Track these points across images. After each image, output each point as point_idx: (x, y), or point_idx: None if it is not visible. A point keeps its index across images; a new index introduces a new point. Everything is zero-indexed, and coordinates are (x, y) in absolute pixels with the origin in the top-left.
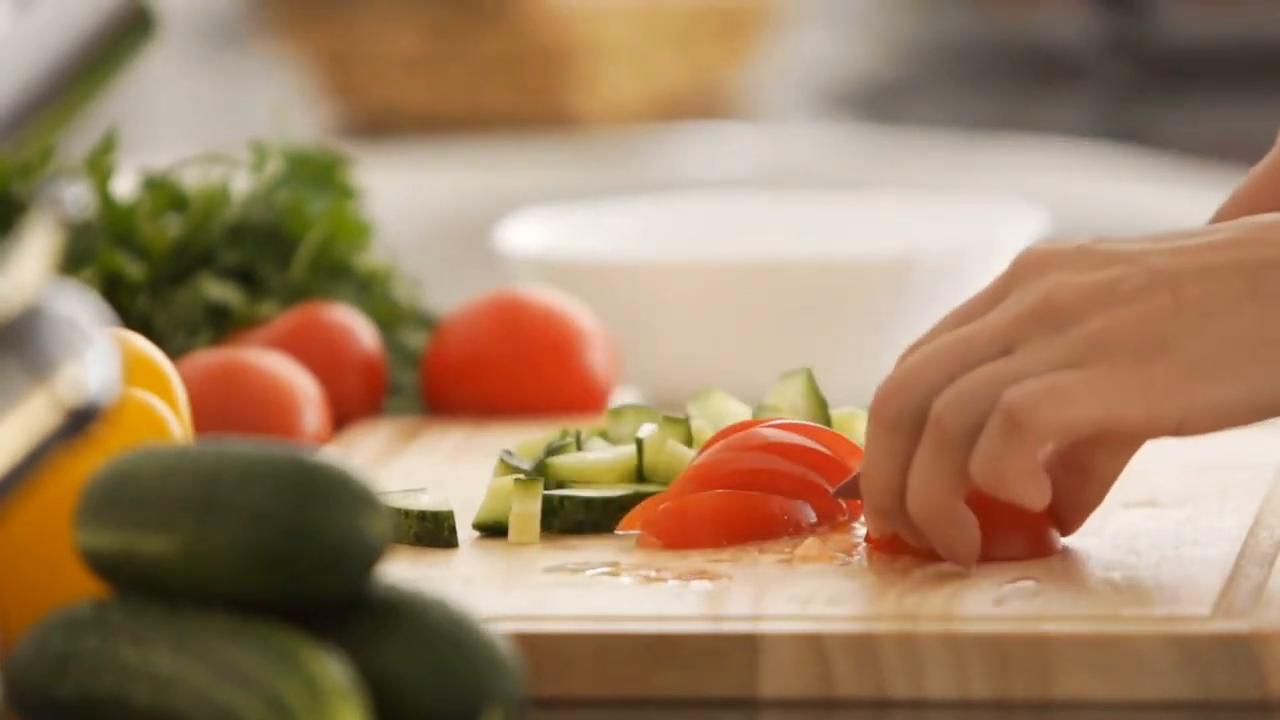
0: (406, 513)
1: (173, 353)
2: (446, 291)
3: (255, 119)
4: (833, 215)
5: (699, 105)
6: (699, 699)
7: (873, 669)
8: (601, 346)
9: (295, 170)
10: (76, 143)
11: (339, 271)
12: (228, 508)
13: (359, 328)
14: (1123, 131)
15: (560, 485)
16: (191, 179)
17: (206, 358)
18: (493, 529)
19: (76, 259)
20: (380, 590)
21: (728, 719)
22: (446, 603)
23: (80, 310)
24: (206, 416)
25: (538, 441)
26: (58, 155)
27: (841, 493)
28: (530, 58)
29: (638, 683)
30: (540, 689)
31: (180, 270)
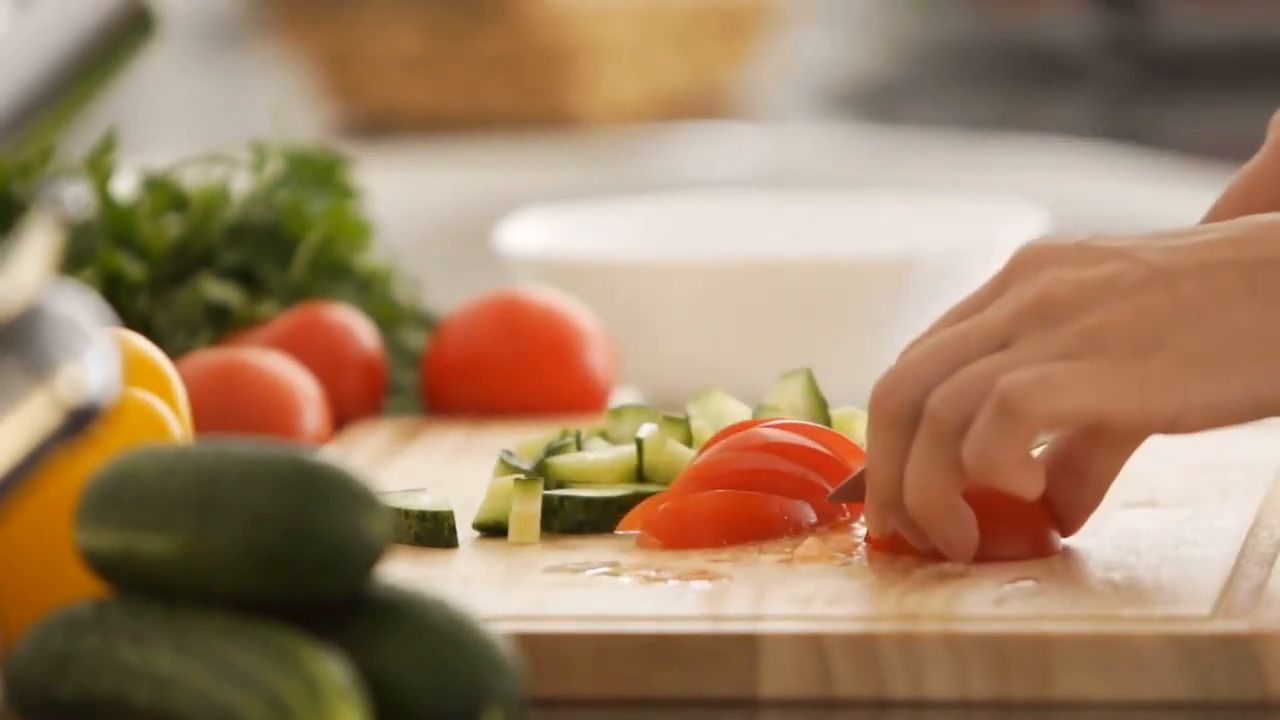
0: (406, 513)
1: (173, 353)
2: (446, 291)
3: (255, 119)
4: (833, 215)
5: (699, 105)
6: (699, 699)
7: (873, 669)
8: (601, 346)
9: (295, 170)
10: (76, 143)
11: (339, 271)
12: (228, 508)
13: (359, 328)
14: (1123, 131)
15: (560, 485)
16: (191, 179)
17: (206, 358)
18: (493, 529)
19: (76, 259)
20: (380, 590)
21: (728, 719)
22: (446, 603)
23: (80, 310)
24: (206, 416)
25: (538, 441)
26: (58, 155)
27: (838, 496)
28: (530, 58)
29: (638, 683)
30: (540, 689)
31: (180, 270)
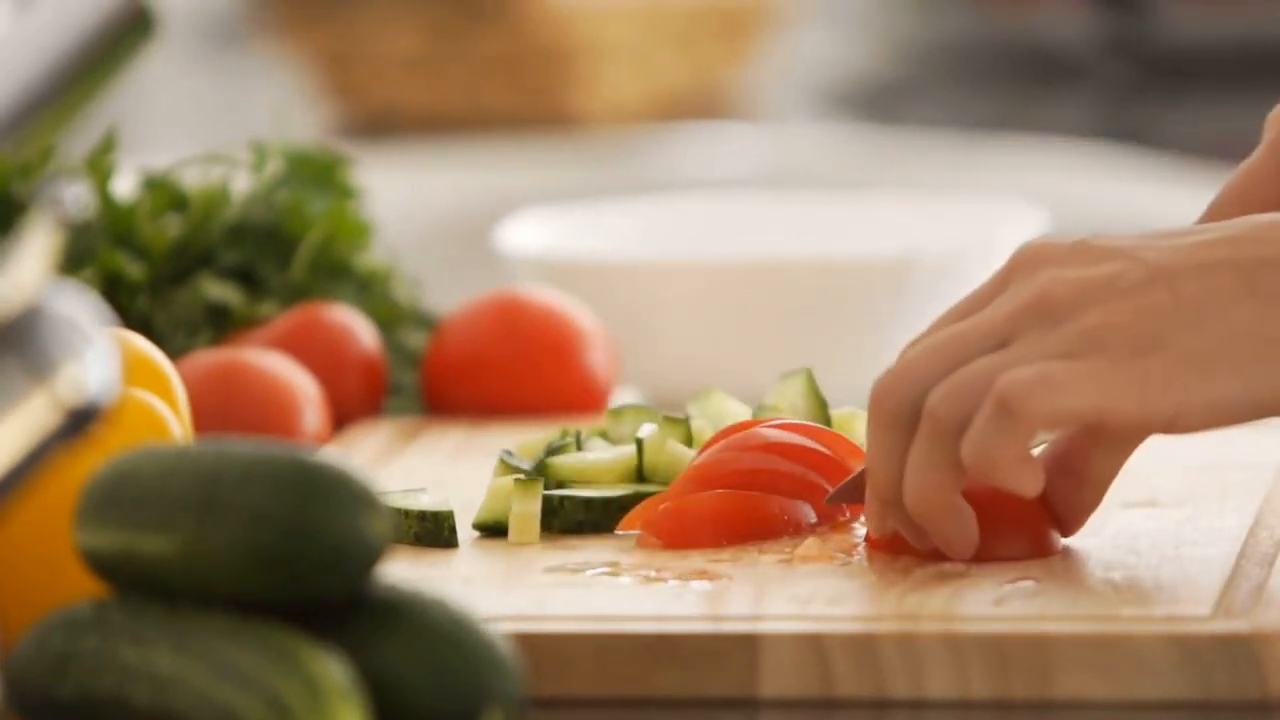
0: (406, 513)
1: (173, 353)
2: (446, 291)
3: (255, 119)
4: (833, 215)
5: (699, 105)
6: (699, 699)
7: (873, 669)
8: (601, 346)
9: (295, 170)
10: (76, 143)
11: (339, 271)
12: (228, 508)
13: (359, 328)
14: (1123, 131)
15: (560, 485)
16: (191, 179)
17: (206, 358)
18: (493, 529)
19: (76, 259)
20: (380, 590)
21: (728, 719)
22: (446, 603)
23: (80, 310)
24: (206, 416)
25: (538, 441)
26: (58, 155)
27: (836, 498)
28: (530, 58)
29: (638, 683)
30: (540, 689)
31: (180, 270)
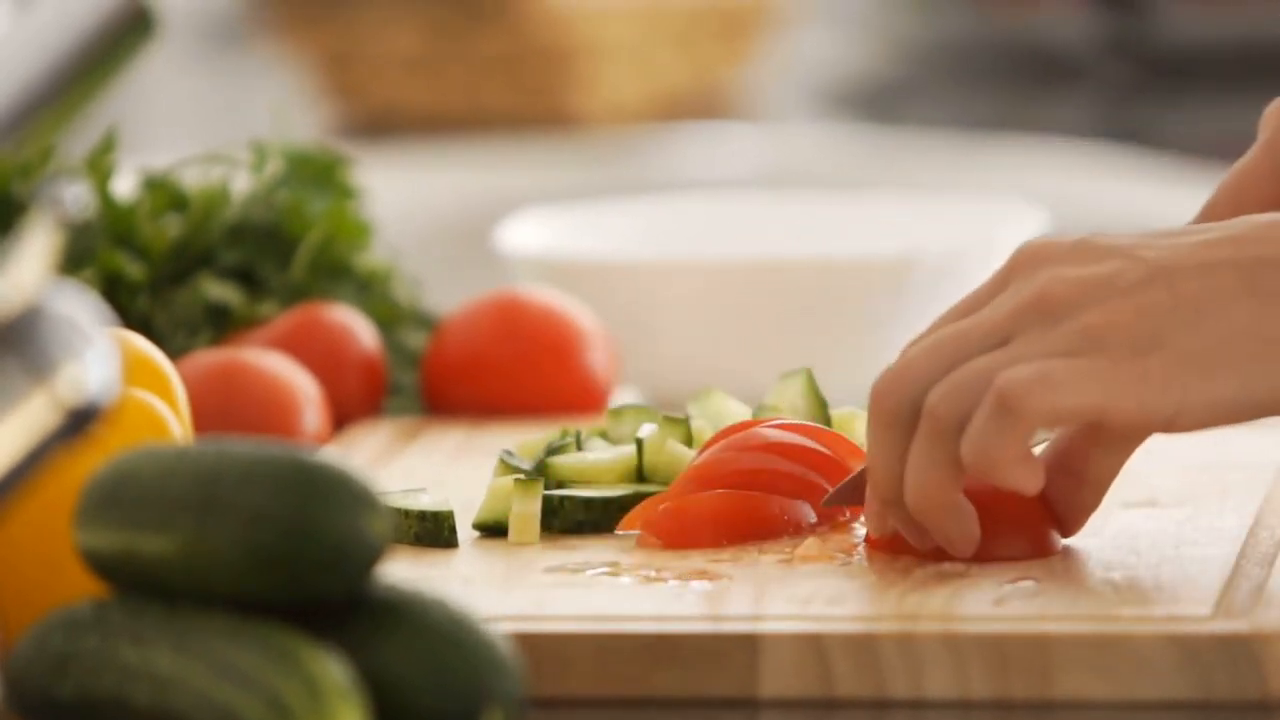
0: (406, 513)
1: (173, 353)
2: (446, 291)
3: (255, 119)
4: (833, 215)
5: (699, 105)
6: (699, 699)
7: (873, 669)
8: (601, 346)
9: (295, 170)
10: (76, 143)
11: (339, 271)
12: (228, 508)
13: (359, 328)
14: (1123, 131)
15: (560, 485)
16: (191, 179)
17: (206, 358)
18: (493, 529)
19: (76, 259)
20: (380, 590)
21: (728, 719)
22: (446, 603)
23: (80, 310)
24: (206, 416)
25: (538, 441)
26: (58, 155)
27: (834, 500)
28: (530, 58)
29: (638, 683)
30: (540, 689)
31: (180, 270)
